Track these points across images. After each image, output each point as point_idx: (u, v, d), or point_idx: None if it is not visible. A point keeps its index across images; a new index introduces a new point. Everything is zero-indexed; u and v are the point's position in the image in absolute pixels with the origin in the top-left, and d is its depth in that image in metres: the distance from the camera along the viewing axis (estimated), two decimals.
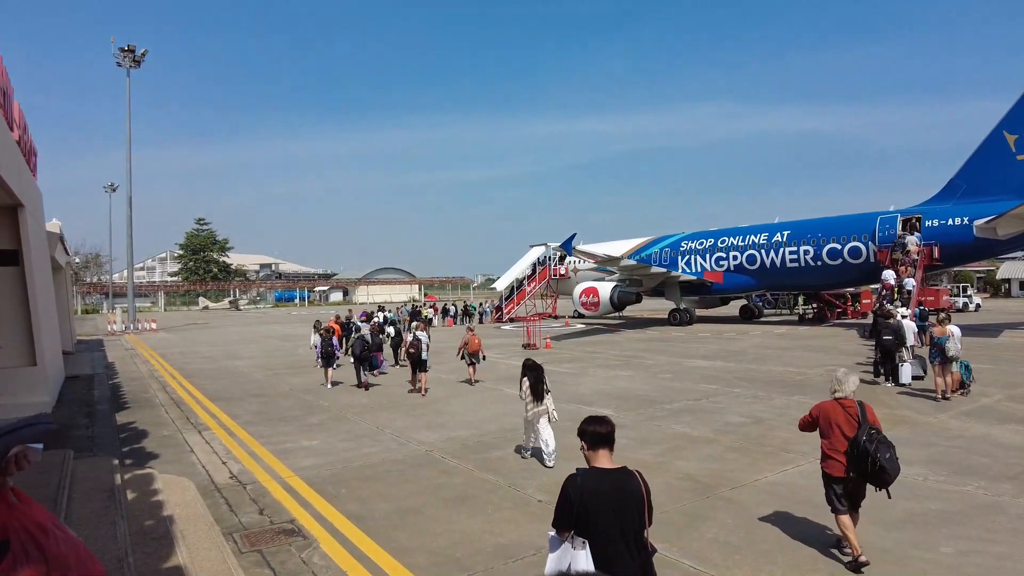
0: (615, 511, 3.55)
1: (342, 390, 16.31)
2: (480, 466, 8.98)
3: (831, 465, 5.78)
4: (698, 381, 16.01)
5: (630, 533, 3.58)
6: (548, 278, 45.41)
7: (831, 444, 5.83)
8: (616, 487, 3.64)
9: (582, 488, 3.59)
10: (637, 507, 3.60)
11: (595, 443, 3.77)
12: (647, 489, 3.68)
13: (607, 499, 3.57)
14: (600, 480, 3.65)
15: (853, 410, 5.82)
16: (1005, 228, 26.53)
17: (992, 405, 12.17)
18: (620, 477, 3.70)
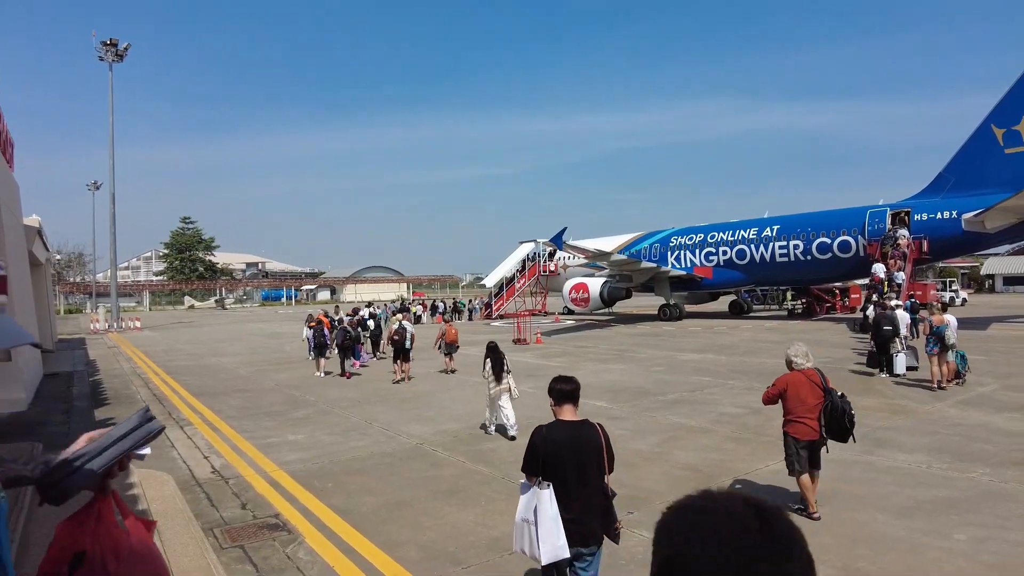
0: (576, 458, 4.00)
1: (330, 385, 16.00)
2: (472, 458, 8.69)
3: (799, 429, 6.28)
4: (691, 374, 15.81)
5: (591, 478, 4.03)
6: (538, 275, 45.13)
7: (798, 411, 6.32)
8: (577, 437, 4.08)
9: (546, 437, 4.07)
10: (596, 455, 4.05)
11: (560, 399, 4.23)
12: (606, 439, 4.13)
13: (569, 447, 4.02)
14: (563, 430, 4.11)
15: (816, 378, 6.44)
16: (993, 221, 26.57)
17: (988, 394, 12.05)
18: (581, 428, 4.13)
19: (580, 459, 4.02)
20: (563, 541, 3.89)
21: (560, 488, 3.96)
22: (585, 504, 4.01)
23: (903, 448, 8.43)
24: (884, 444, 8.66)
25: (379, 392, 14.74)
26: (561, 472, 3.98)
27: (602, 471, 4.09)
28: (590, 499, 4.03)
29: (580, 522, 3.98)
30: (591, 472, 4.04)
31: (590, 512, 4.02)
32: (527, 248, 46.37)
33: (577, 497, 3.99)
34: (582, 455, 4.03)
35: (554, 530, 3.88)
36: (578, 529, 3.97)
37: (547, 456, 4.01)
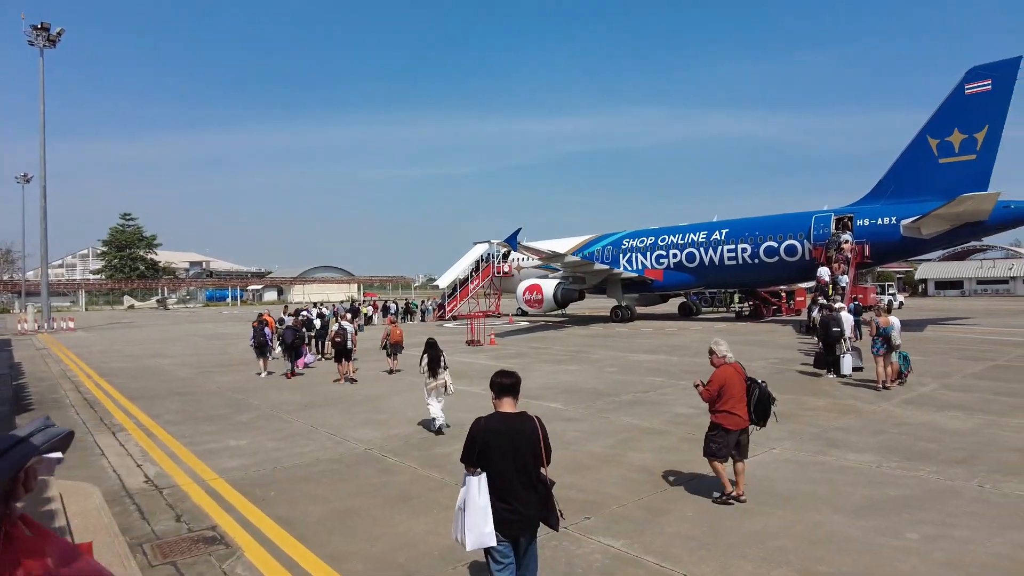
0: (513, 448, 4.10)
1: (275, 388, 15.42)
2: (424, 463, 8.39)
3: (731, 420, 6.62)
4: (644, 374, 15.84)
5: (527, 468, 4.14)
6: (492, 276, 44.91)
7: (731, 402, 6.65)
8: (514, 428, 4.19)
9: (484, 428, 4.16)
10: (533, 446, 4.15)
11: (500, 392, 4.34)
12: (543, 431, 4.24)
13: (506, 438, 4.12)
14: (501, 422, 4.21)
15: (741, 371, 6.87)
16: (929, 228, 27.66)
17: (929, 394, 12.40)
18: (518, 420, 4.24)
19: (518, 450, 4.13)
20: (490, 529, 4.00)
21: (498, 477, 4.09)
22: (523, 493, 4.13)
23: (854, 448, 8.53)
24: (836, 444, 8.75)
25: (327, 395, 14.25)
26: (499, 462, 4.10)
27: (539, 461, 4.20)
28: (528, 488, 4.15)
29: (518, 511, 4.10)
30: (528, 462, 4.16)
31: (528, 501, 4.14)
32: (481, 249, 46.11)
33: (515, 486, 4.11)
34: (520, 446, 4.14)
35: (481, 518, 3.99)
36: (516, 518, 4.10)
37: (485, 446, 4.13)
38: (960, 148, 27.75)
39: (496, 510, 4.04)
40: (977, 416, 10.32)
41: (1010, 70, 26.91)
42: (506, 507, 4.08)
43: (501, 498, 4.07)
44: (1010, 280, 75.70)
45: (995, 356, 17.93)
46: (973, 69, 27.74)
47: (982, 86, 27.39)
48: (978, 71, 27.56)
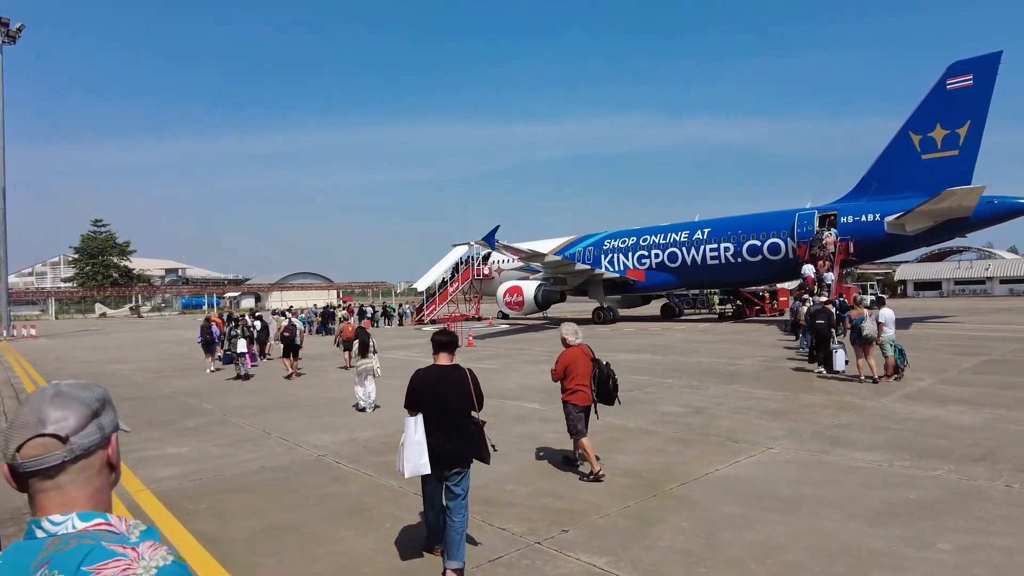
0: (445, 394, 4.79)
1: (234, 392, 14.38)
2: (382, 471, 7.43)
3: (579, 397, 6.99)
4: (628, 373, 14.98)
5: (459, 411, 4.83)
6: (471, 278, 43.91)
7: (578, 380, 7.01)
8: (447, 377, 4.90)
9: (421, 378, 4.88)
10: (465, 391, 4.86)
11: (438, 348, 5.08)
12: (474, 379, 4.95)
13: (440, 385, 4.82)
14: (436, 372, 4.93)
15: (587, 351, 7.20)
16: (913, 224, 27.24)
17: (928, 388, 11.70)
18: (452, 371, 4.96)
19: (450, 395, 4.83)
20: (425, 460, 4.62)
21: (435, 419, 4.74)
22: (455, 432, 4.78)
23: (859, 446, 7.74)
24: (839, 442, 7.95)
25: (288, 399, 13.23)
26: (433, 406, 4.78)
27: (471, 406, 4.90)
28: (459, 428, 4.82)
29: (450, 448, 4.73)
30: (460, 406, 4.86)
31: (459, 438, 4.79)
32: (460, 251, 45.12)
33: (448, 426, 4.76)
34: (452, 392, 4.84)
35: (417, 450, 4.62)
36: (448, 454, 4.72)
37: (422, 393, 4.82)
38: (943, 144, 27.40)
39: (431, 446, 4.67)
40: (984, 411, 9.60)
41: (991, 65, 26.63)
42: (440, 443, 4.70)
43: (436, 435, 4.70)
44: (987, 281, 76.23)
45: (987, 351, 17.37)
46: (954, 64, 27.43)
47: (963, 81, 27.08)
48: (959, 66, 27.25)
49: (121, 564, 1.18)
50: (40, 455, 1.28)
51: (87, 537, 1.24)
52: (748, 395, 11.57)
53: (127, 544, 1.23)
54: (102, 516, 1.31)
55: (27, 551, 1.22)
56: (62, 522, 1.27)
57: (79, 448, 1.31)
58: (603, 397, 7.12)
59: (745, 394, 11.69)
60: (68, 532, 1.25)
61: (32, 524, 1.28)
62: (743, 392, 11.91)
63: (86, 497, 1.32)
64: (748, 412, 10.03)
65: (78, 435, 1.32)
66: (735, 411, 10.14)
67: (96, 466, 1.35)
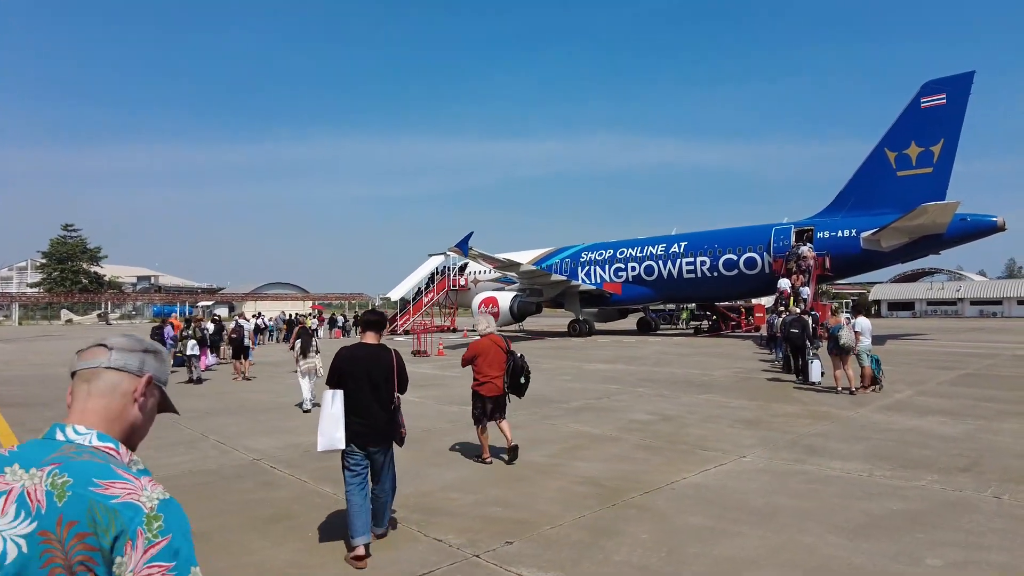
0: (368, 372, 4.80)
1: (185, 394, 13.53)
2: (318, 476, 6.74)
3: (487, 388, 7.00)
4: (599, 382, 14.43)
5: (381, 391, 4.81)
6: (447, 289, 43.18)
7: (487, 371, 7.02)
8: (371, 355, 4.89)
9: (345, 356, 4.89)
10: (387, 372, 4.87)
11: (365, 327, 5.13)
12: (399, 360, 4.97)
13: (363, 363, 4.83)
14: (362, 350, 4.92)
15: (500, 342, 7.17)
16: (888, 240, 27.19)
17: (906, 400, 11.28)
18: (377, 350, 4.94)
19: (374, 374, 4.81)
20: (340, 434, 4.57)
21: (355, 395, 4.72)
22: (375, 410, 4.75)
23: (837, 455, 7.21)
24: (816, 452, 7.41)
25: (236, 402, 12.46)
26: (356, 382, 4.76)
27: (392, 386, 4.89)
28: (380, 407, 4.78)
29: (369, 424, 4.72)
30: (383, 386, 4.83)
31: (379, 417, 4.77)
32: (436, 261, 44.40)
33: (369, 404, 4.74)
34: (376, 371, 4.83)
35: (332, 424, 4.56)
36: (367, 430, 4.71)
37: (344, 371, 4.80)
38: (917, 161, 27.49)
39: (351, 423, 4.64)
40: (966, 421, 9.17)
41: (964, 85, 26.83)
42: (360, 421, 4.69)
43: (356, 413, 4.68)
44: (958, 302, 77.33)
45: (963, 366, 17.12)
46: (928, 83, 27.62)
47: (937, 100, 27.25)
48: (933, 85, 27.44)
49: (128, 487, 1.24)
50: (89, 358, 1.46)
51: (99, 456, 1.32)
52: (721, 404, 11.04)
53: (130, 473, 1.30)
54: (114, 443, 1.38)
55: (44, 448, 1.31)
56: (84, 434, 1.35)
57: (116, 362, 1.45)
58: (514, 389, 7.13)
59: (717, 403, 11.16)
60: (84, 445, 1.33)
61: (56, 427, 1.37)
62: (715, 401, 11.39)
63: (107, 417, 1.41)
64: (720, 420, 9.49)
65: (121, 352, 1.47)
66: (706, 419, 9.60)
67: (123, 389, 1.44)
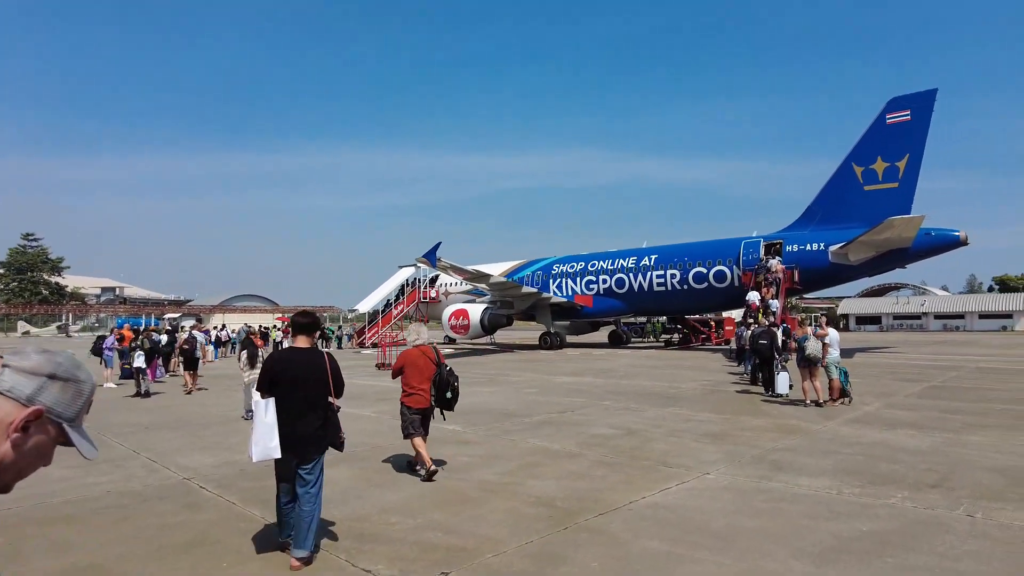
0: (303, 378, 4.68)
1: (127, 408, 12.82)
2: (250, 497, 6.19)
3: (415, 399, 6.93)
4: (564, 395, 14.03)
5: (314, 396, 4.72)
6: (417, 300, 42.52)
7: (416, 383, 6.94)
8: (305, 361, 4.78)
9: (278, 359, 4.78)
10: (322, 377, 4.77)
11: (297, 330, 4.95)
12: (332, 364, 4.87)
13: (297, 368, 4.70)
14: (295, 355, 4.80)
15: (431, 353, 7.09)
16: (856, 254, 27.39)
17: (875, 412, 11.06)
18: (310, 354, 4.85)
19: (308, 380, 4.65)
20: (275, 443, 4.40)
21: (287, 401, 4.55)
22: (309, 416, 4.60)
23: (805, 471, 6.87)
24: (783, 467, 7.07)
25: (181, 416, 11.79)
26: (290, 389, 4.58)
27: (327, 391, 4.75)
28: (313, 412, 4.64)
29: (304, 432, 4.57)
30: (317, 391, 4.70)
31: (312, 423, 4.62)
32: (407, 273, 43.77)
33: (302, 410, 4.59)
34: (309, 376, 4.67)
35: (267, 433, 4.40)
36: (302, 439, 4.55)
37: (277, 376, 4.60)
38: (883, 176, 27.81)
39: (284, 430, 4.47)
40: (934, 434, 8.94)
41: (927, 101, 27.28)
42: (294, 428, 4.53)
43: (289, 419, 4.53)
44: (922, 316, 78.85)
45: (929, 378, 17.09)
46: (893, 99, 28.04)
47: (902, 116, 27.65)
48: (898, 101, 27.87)
49: None
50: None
51: None
52: (686, 417, 10.70)
53: None
54: None
55: None
56: None
57: (3, 384, 1.25)
58: (441, 404, 7.02)
59: (684, 416, 10.82)
60: None
61: None
62: (681, 414, 11.05)
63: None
64: (685, 435, 9.13)
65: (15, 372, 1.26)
66: (671, 433, 9.23)
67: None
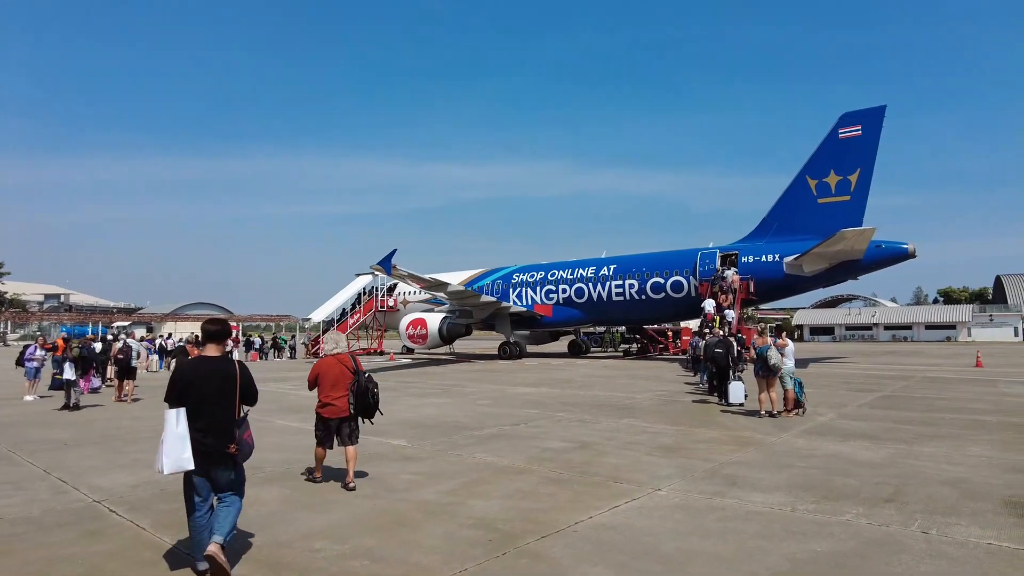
0: (212, 388, 4.59)
1: (46, 423, 11.95)
2: (160, 522, 5.62)
3: (329, 410, 6.95)
4: (519, 406, 13.65)
5: (225, 405, 4.63)
6: (375, 309, 41.66)
7: (329, 392, 6.97)
8: (215, 370, 4.68)
9: (186, 369, 4.70)
10: (231, 384, 4.68)
11: (206, 338, 4.84)
12: (243, 372, 4.76)
13: (207, 379, 4.61)
14: (205, 364, 4.71)
15: (348, 362, 7.11)
16: (810, 265, 27.81)
17: (829, 423, 10.98)
18: (220, 363, 4.75)
19: (218, 389, 4.61)
20: (188, 455, 4.34)
21: (199, 412, 4.50)
22: (221, 427, 4.56)
23: (759, 487, 6.62)
24: (737, 482, 6.81)
25: (108, 430, 11.03)
26: (199, 399, 4.53)
27: (237, 400, 4.70)
28: (224, 422, 4.60)
29: (215, 443, 4.52)
30: (227, 401, 4.65)
31: (226, 434, 4.58)
32: (364, 281, 42.87)
33: (214, 421, 4.55)
34: (219, 386, 4.62)
35: (179, 445, 4.33)
36: (214, 449, 4.51)
37: (186, 386, 4.54)
38: (836, 189, 28.35)
39: (196, 441, 4.39)
40: (887, 445, 8.85)
41: (877, 117, 27.95)
42: (205, 438, 4.45)
43: (201, 430, 4.45)
44: (873, 327, 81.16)
45: (880, 388, 17.28)
46: (845, 115, 28.64)
47: (853, 131, 28.26)
48: (849, 117, 28.47)
49: None
50: None
51: None
52: (641, 429, 10.44)
53: None
54: None
55: None
56: None
57: None
58: (361, 410, 6.99)
59: (638, 428, 10.56)
60: None
61: None
62: (636, 426, 10.78)
63: None
64: (638, 448, 8.84)
65: None
66: (624, 446, 8.94)
67: None
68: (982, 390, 16.63)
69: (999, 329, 74.07)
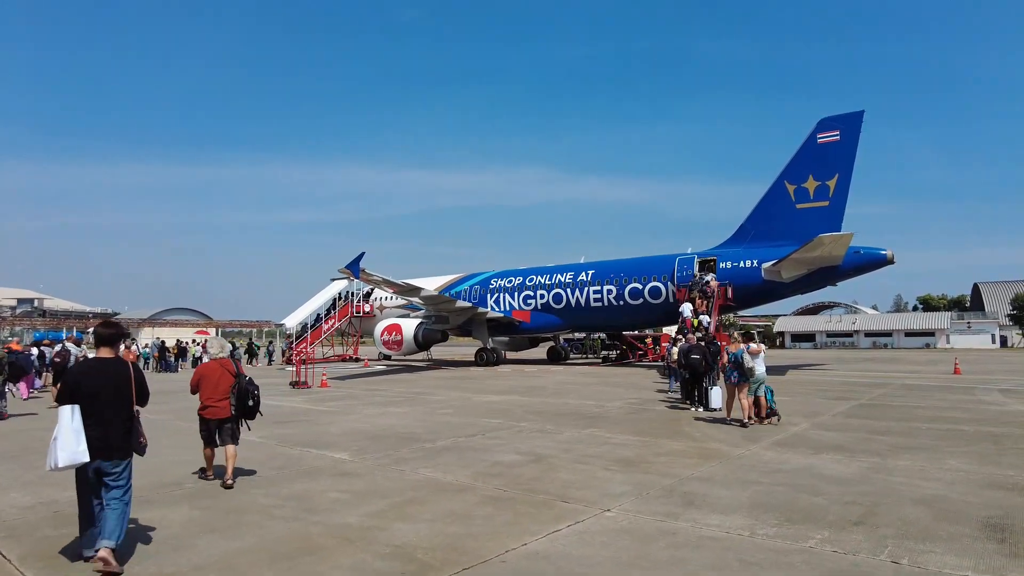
0: (105, 387, 4.79)
1: None
2: (39, 550, 4.92)
3: (210, 412, 7.21)
4: (482, 416, 13.01)
5: (117, 403, 4.83)
6: (350, 315, 40.80)
7: (214, 395, 7.20)
8: (108, 370, 4.89)
9: (80, 369, 5.06)
10: (125, 384, 4.89)
11: (99, 341, 5.05)
12: (136, 373, 5.02)
13: (100, 378, 4.81)
14: (98, 365, 4.94)
15: (230, 366, 7.46)
16: (788, 271, 27.46)
17: (802, 434, 10.46)
18: (113, 364, 4.97)
19: (110, 388, 4.80)
20: (83, 447, 4.50)
21: (92, 410, 4.67)
22: (113, 424, 4.75)
23: (718, 506, 6.03)
24: (694, 502, 6.21)
25: (29, 443, 10.28)
26: (93, 398, 4.70)
27: (130, 399, 4.90)
28: (118, 420, 4.79)
29: (108, 438, 4.69)
30: (120, 399, 4.84)
31: (118, 431, 4.77)
32: (339, 286, 42.00)
33: (107, 418, 4.73)
34: (112, 385, 4.82)
35: (74, 439, 4.48)
36: (106, 444, 4.67)
37: (79, 385, 4.74)
38: (815, 194, 28.06)
39: (88, 437, 4.56)
40: (859, 458, 8.31)
41: (855, 123, 27.76)
42: (96, 434, 4.62)
43: (92, 426, 4.62)
44: (853, 333, 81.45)
45: (857, 396, 16.83)
46: (824, 120, 28.40)
47: (831, 136, 28.02)
48: (828, 122, 28.24)
49: None
50: None
51: None
52: (603, 440, 9.85)
53: None
54: None
55: None
56: None
57: None
58: (243, 413, 7.30)
59: (600, 439, 9.96)
60: None
61: None
62: (599, 436, 10.19)
63: None
64: (595, 461, 8.24)
65: None
66: (581, 459, 8.34)
67: None
68: (959, 398, 16.25)
69: (977, 336, 74.67)
